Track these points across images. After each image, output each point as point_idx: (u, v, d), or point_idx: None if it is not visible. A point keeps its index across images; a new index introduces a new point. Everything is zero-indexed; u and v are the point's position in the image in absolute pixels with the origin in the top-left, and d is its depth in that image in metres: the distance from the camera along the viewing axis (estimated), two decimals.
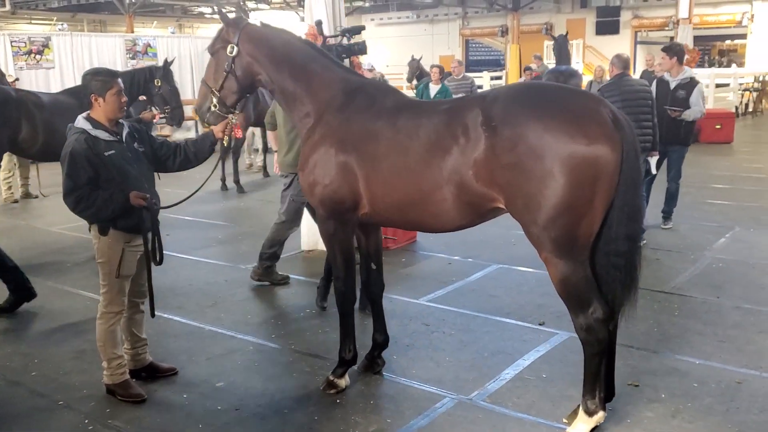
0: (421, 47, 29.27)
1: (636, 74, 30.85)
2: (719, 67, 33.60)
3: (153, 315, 4.33)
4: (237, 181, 10.99)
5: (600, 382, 3.59)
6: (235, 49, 4.18)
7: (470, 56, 36.40)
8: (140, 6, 21.86)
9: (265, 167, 12.42)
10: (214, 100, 4.27)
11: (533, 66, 14.40)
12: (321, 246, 7.43)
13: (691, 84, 7.74)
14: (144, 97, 8.16)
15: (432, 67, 13.27)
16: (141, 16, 25.54)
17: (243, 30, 4.19)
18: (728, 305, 5.62)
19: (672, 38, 33.46)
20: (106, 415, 4.06)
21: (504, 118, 3.35)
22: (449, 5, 33.54)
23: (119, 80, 4.14)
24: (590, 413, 3.57)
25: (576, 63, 27.00)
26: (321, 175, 4.00)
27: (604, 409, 3.62)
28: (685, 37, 17.11)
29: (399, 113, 3.83)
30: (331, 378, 4.30)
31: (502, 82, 28.13)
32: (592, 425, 3.59)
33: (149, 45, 16.16)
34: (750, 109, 22.51)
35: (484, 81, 22.33)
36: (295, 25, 33.34)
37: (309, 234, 7.50)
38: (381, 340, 4.52)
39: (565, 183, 3.24)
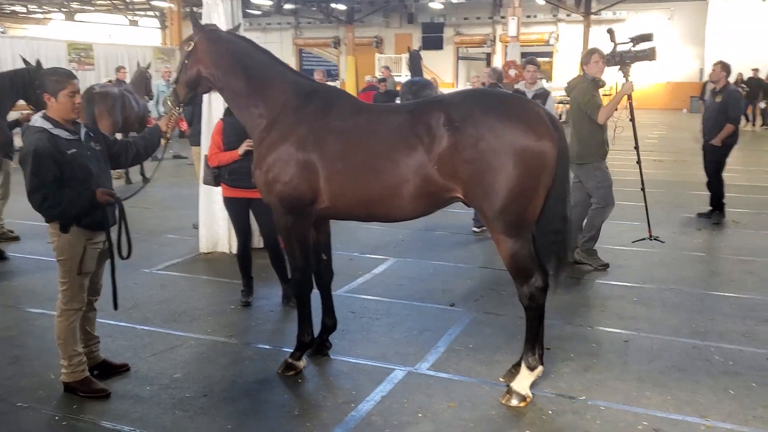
0: None
1: (459, 87, 33.05)
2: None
3: (116, 307, 4.43)
4: None
5: (539, 342, 4.25)
6: (192, 45, 4.44)
7: (304, 66, 36.99)
8: None
9: (127, 174, 12.10)
10: (170, 89, 4.56)
11: (385, 77, 15.23)
12: (220, 248, 7.65)
13: (544, 94, 8.78)
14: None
15: None
16: None
17: (204, 31, 4.45)
18: (599, 283, 6.60)
19: (489, 54, 36.39)
20: (75, 411, 4.11)
21: (466, 119, 3.91)
22: (283, 14, 33.92)
23: (75, 81, 4.20)
24: (531, 368, 4.22)
25: (405, 76, 28.56)
26: (280, 173, 4.32)
27: (542, 364, 4.28)
28: (513, 54, 18.76)
29: (358, 115, 4.26)
30: (290, 360, 4.62)
31: None
32: (533, 378, 4.25)
33: None
34: (563, 119, 25.07)
35: None
36: (125, 28, 32.11)
37: (208, 237, 7.64)
38: (330, 324, 4.91)
39: (519, 173, 3.85)
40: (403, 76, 28.15)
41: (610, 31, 6.99)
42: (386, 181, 4.07)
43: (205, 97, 7.36)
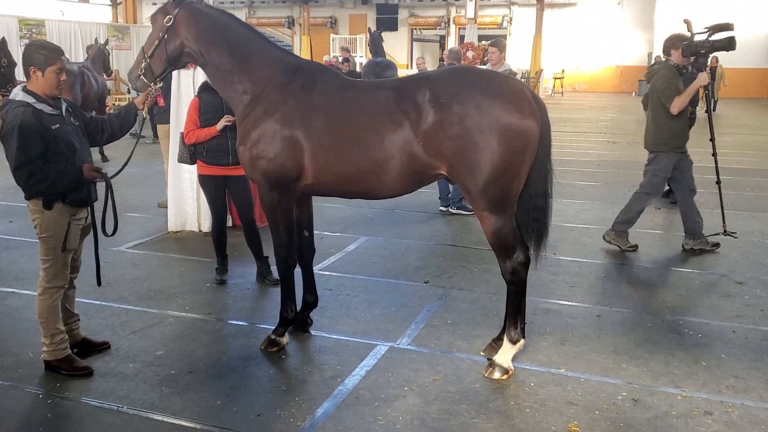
0: None
1: (413, 70, 32.93)
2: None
3: (99, 283, 4.41)
4: None
5: (521, 316, 4.35)
6: (172, 19, 4.35)
7: None
8: None
9: None
10: (143, 65, 4.41)
11: (340, 58, 15.18)
12: (188, 227, 7.59)
13: (510, 75, 8.91)
14: None
15: None
16: None
17: (185, 4, 4.36)
18: (566, 260, 6.76)
19: (443, 36, 36.49)
20: (59, 389, 4.06)
21: (452, 96, 3.95)
22: None
23: (64, 59, 4.11)
24: (514, 341, 4.32)
25: (360, 57, 28.49)
26: (265, 149, 4.30)
27: (524, 337, 4.39)
28: (471, 35, 18.88)
29: (343, 91, 4.26)
30: (273, 336, 4.63)
31: None
32: (515, 351, 4.35)
33: None
34: None
35: None
36: None
37: (176, 215, 7.56)
38: (311, 301, 4.94)
39: (503, 151, 3.92)
40: (358, 56, 28.12)
41: (687, 22, 6.86)
42: (372, 157, 4.10)
43: (174, 74, 7.25)
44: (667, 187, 9.69)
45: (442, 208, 8.79)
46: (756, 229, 7.93)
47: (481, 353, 4.58)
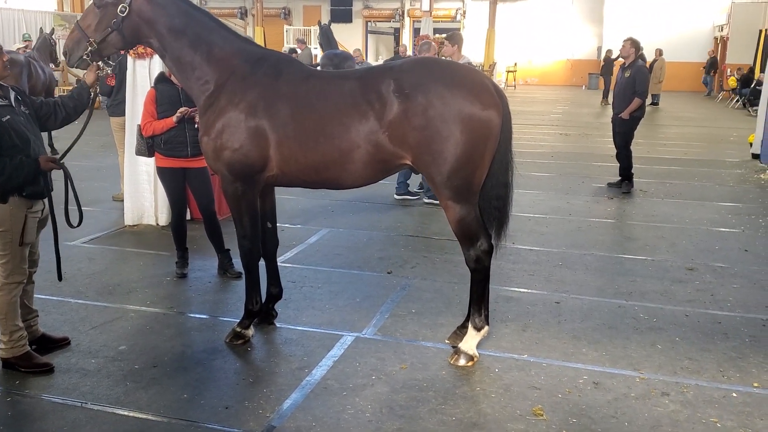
0: None
1: (368, 61, 32.75)
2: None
3: (60, 278, 4.35)
4: None
5: (485, 303, 4.43)
6: (126, 9, 4.25)
7: None
8: None
9: None
10: (89, 49, 4.29)
11: (298, 50, 15.03)
12: (145, 220, 7.47)
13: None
14: None
15: None
16: None
17: None
18: (524, 248, 6.88)
19: (397, 29, 36.50)
20: (18, 387, 3.97)
21: (416, 87, 3.98)
22: None
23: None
24: (478, 328, 4.39)
25: (314, 48, 28.31)
26: (229, 139, 4.27)
27: (488, 324, 4.47)
28: (426, 28, 18.95)
29: (308, 81, 4.26)
30: (239, 329, 4.61)
31: None
32: (480, 338, 4.42)
33: None
34: None
35: None
36: None
37: (133, 209, 7.43)
38: (276, 292, 4.92)
39: (465, 140, 3.98)
40: (313, 47, 27.94)
41: None
42: (337, 146, 4.11)
43: (129, 65, 7.14)
44: (618, 177, 9.96)
45: (397, 196, 8.85)
46: (704, 218, 8.19)
47: (446, 341, 4.64)
